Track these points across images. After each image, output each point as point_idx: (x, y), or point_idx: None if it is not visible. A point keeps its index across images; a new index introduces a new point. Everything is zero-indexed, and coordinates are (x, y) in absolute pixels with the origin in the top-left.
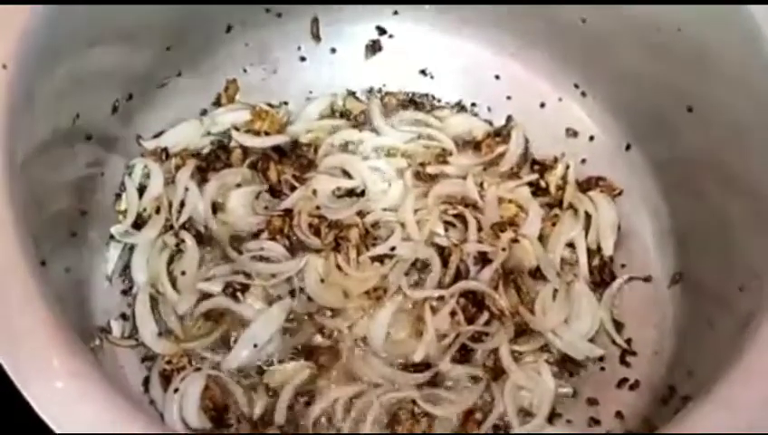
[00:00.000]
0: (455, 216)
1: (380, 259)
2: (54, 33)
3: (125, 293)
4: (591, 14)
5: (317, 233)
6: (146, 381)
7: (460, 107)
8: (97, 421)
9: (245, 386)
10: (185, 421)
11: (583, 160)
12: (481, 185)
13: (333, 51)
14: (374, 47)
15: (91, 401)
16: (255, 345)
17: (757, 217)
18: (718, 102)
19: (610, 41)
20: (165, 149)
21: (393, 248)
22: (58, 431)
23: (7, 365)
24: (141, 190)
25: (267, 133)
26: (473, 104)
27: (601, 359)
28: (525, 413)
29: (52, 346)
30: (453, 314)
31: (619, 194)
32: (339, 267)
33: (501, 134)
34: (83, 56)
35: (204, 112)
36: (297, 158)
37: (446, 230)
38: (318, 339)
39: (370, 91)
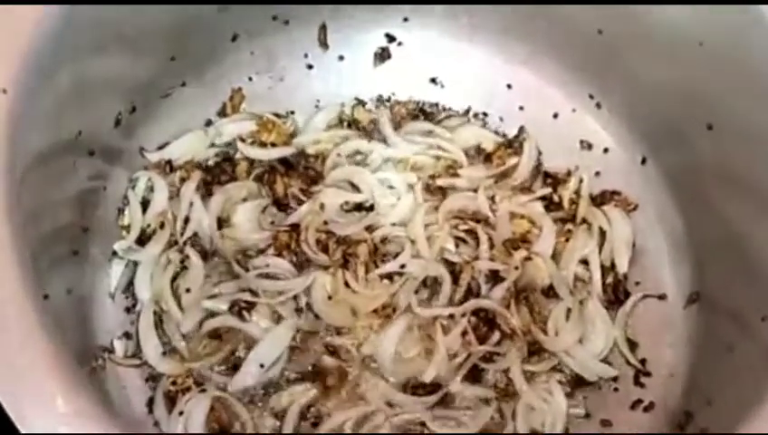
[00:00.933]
0: (466, 231)
1: (390, 276)
2: (55, 55)
3: (128, 310)
4: (608, 25)
5: (325, 249)
6: (150, 402)
7: (471, 116)
8: None
9: (252, 408)
10: None
11: (597, 174)
12: (492, 199)
13: (341, 58)
14: (383, 55)
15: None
16: (262, 366)
17: None
18: (737, 114)
19: (626, 51)
20: (169, 162)
21: (403, 266)
22: None
23: (6, 403)
24: (145, 205)
25: (274, 145)
26: (484, 114)
27: (615, 379)
28: None
29: (53, 380)
30: (464, 333)
31: (634, 209)
32: (347, 285)
33: (513, 146)
34: (85, 71)
35: (209, 123)
36: (304, 170)
37: (457, 246)
38: (325, 359)
39: (379, 99)
